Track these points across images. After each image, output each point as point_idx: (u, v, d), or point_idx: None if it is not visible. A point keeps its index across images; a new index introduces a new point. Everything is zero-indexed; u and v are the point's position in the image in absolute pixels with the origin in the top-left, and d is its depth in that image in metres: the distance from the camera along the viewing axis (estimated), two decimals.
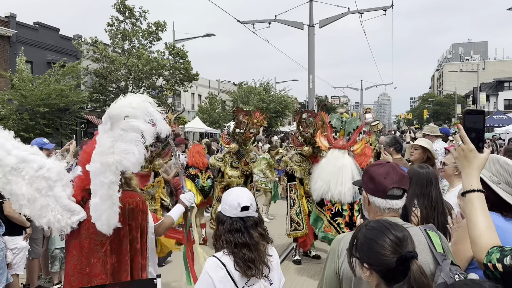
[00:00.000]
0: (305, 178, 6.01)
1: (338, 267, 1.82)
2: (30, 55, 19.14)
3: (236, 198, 2.22)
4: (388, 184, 1.77)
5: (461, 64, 78.57)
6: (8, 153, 2.39)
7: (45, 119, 16.72)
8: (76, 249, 2.61)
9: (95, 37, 21.07)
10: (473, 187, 1.62)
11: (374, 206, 1.82)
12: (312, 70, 15.27)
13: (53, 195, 2.48)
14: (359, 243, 1.49)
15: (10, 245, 4.53)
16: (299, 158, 6.06)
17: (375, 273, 1.44)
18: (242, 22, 15.59)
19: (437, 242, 1.74)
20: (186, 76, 22.69)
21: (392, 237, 1.43)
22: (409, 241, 1.45)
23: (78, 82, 18.71)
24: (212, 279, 2.09)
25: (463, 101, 58.73)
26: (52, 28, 24.09)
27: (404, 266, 1.36)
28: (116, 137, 2.37)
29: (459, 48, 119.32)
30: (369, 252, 1.44)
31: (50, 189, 2.48)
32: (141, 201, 2.73)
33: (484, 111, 1.84)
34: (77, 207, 2.57)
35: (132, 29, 21.37)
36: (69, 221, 2.54)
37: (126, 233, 2.61)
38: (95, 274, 2.54)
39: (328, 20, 15.42)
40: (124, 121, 2.37)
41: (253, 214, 2.23)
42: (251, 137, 6.88)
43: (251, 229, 2.18)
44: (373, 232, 1.47)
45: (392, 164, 1.87)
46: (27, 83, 16.36)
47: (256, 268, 2.11)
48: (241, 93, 34.17)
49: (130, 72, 20.88)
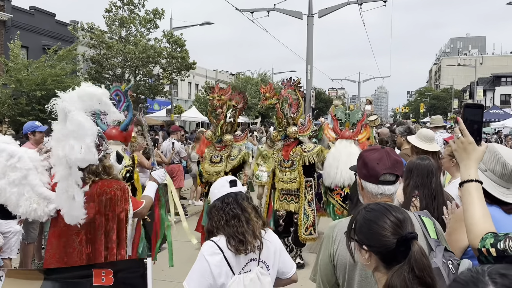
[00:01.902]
0: (277, 169, 5.48)
1: (333, 253, 1.81)
2: (25, 40, 18.91)
3: (222, 180, 2.30)
4: (380, 170, 1.76)
5: (459, 59, 78.59)
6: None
7: (40, 104, 16.59)
8: (55, 237, 2.61)
9: (92, 23, 20.84)
10: (471, 177, 1.65)
11: (367, 191, 1.82)
12: (310, 60, 15.18)
13: (27, 183, 2.48)
14: (358, 225, 1.47)
15: (3, 228, 4.50)
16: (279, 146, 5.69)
17: (374, 256, 1.42)
18: (240, 10, 15.45)
19: (431, 228, 1.74)
20: (183, 64, 22.52)
21: (392, 219, 1.42)
22: (409, 223, 1.44)
23: (74, 67, 18.53)
24: (208, 264, 2.08)
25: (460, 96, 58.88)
26: (48, 13, 23.81)
27: (405, 247, 1.35)
28: (66, 131, 2.37)
29: (458, 43, 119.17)
30: (369, 234, 1.43)
31: (24, 178, 2.46)
32: (120, 189, 2.69)
33: (482, 105, 1.89)
34: (53, 194, 2.54)
35: (130, 15, 21.14)
36: (46, 210, 2.52)
37: (102, 223, 2.59)
38: (71, 263, 2.53)
39: (328, 10, 15.31)
40: (70, 115, 2.36)
41: (242, 189, 2.27)
42: (228, 122, 5.75)
43: (243, 202, 2.20)
44: (373, 214, 1.45)
45: (386, 149, 1.86)
46: (22, 68, 16.21)
47: (247, 241, 2.10)
48: (238, 83, 34.04)
49: (126, 59, 20.70)
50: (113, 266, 2.31)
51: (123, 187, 2.74)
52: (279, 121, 5.47)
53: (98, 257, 2.56)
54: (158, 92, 23.30)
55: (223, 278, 2.08)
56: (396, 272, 1.32)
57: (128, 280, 2.28)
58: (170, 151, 8.67)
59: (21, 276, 2.40)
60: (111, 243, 2.61)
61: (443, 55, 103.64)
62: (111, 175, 2.71)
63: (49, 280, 2.28)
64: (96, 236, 2.58)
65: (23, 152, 2.52)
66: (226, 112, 5.74)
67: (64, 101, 2.38)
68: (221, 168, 5.62)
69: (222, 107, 5.68)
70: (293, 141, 5.42)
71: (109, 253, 2.61)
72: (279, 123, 5.49)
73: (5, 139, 2.53)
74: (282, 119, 5.43)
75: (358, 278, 1.71)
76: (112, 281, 2.24)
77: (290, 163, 5.37)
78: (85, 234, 2.55)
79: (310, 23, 14.92)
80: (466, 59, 76.83)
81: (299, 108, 5.45)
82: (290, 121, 5.40)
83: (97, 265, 2.41)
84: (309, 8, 14.96)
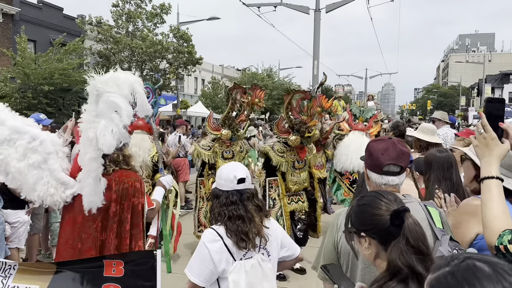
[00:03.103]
0: (289, 173, 5.09)
1: (337, 240, 1.83)
2: (33, 34, 19.02)
3: (232, 171, 2.22)
4: (384, 160, 1.77)
5: (467, 56, 77.86)
6: (2, 123, 2.34)
7: (47, 98, 16.70)
8: (69, 224, 2.60)
9: (100, 17, 20.90)
10: (492, 174, 1.61)
11: (372, 181, 1.84)
12: (317, 56, 15.12)
13: (47, 168, 2.43)
14: (353, 214, 1.51)
15: (12, 218, 4.54)
16: (283, 148, 5.12)
17: (373, 241, 1.44)
18: (247, 5, 15.42)
19: (436, 218, 1.74)
20: (189, 59, 22.56)
21: (385, 200, 1.46)
22: (401, 202, 1.47)
23: (81, 61, 18.62)
24: (208, 250, 2.10)
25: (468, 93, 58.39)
26: (56, 7, 23.87)
27: (399, 221, 1.38)
28: (99, 112, 2.33)
29: (466, 39, 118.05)
30: (363, 217, 1.46)
31: (44, 161, 2.42)
32: (138, 181, 2.68)
33: (504, 99, 1.81)
34: (71, 180, 2.52)
35: (137, 10, 21.18)
36: (63, 195, 2.49)
37: (116, 212, 2.58)
38: (85, 249, 2.54)
39: (335, 5, 15.22)
40: (106, 96, 2.33)
41: (249, 186, 2.24)
42: (246, 121, 5.75)
43: (247, 202, 2.18)
44: (365, 199, 1.50)
45: (394, 140, 1.85)
46: (29, 61, 16.30)
47: (250, 240, 2.11)
48: (244, 79, 34.03)
49: (133, 54, 20.77)
50: (123, 258, 2.33)
51: (141, 180, 2.74)
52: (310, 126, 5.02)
53: (108, 245, 2.57)
54: (165, 87, 23.35)
55: (224, 264, 2.10)
56: (393, 247, 1.36)
57: (138, 272, 2.30)
58: (176, 144, 8.69)
59: (33, 266, 2.43)
60: (125, 233, 2.61)
61: (451, 52, 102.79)
62: (130, 165, 2.70)
63: (61, 271, 2.31)
64: (109, 224, 2.58)
65: (45, 135, 2.47)
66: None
67: (98, 82, 2.35)
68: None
69: (247, 109, 5.58)
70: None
71: (122, 243, 2.61)
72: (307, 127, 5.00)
73: (28, 122, 2.48)
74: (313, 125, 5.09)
75: (362, 265, 1.73)
76: (123, 272, 2.27)
77: (303, 163, 5.21)
78: (101, 221, 2.56)
79: (317, 18, 14.84)
80: (474, 56, 76.12)
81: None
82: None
83: (107, 256, 2.43)
84: (316, 2, 14.88)
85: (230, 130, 5.45)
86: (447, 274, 0.87)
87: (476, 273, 0.83)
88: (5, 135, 2.33)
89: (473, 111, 37.71)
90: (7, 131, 2.34)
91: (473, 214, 1.92)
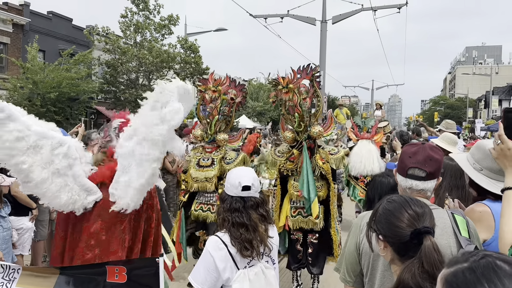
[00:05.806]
0: (291, 178, 4.52)
1: (359, 241, 1.83)
2: (42, 44, 19.27)
3: (238, 177, 2.20)
4: (408, 163, 1.77)
5: (474, 68, 77.73)
6: (28, 128, 2.18)
7: (55, 107, 16.86)
8: (85, 232, 2.47)
9: (107, 27, 21.15)
10: (509, 184, 1.63)
11: (399, 184, 1.85)
12: (323, 66, 15.14)
13: (71, 174, 2.33)
14: (378, 215, 1.49)
15: (15, 225, 4.54)
16: (285, 149, 4.65)
17: (389, 247, 1.43)
18: (254, 16, 15.53)
19: (462, 227, 1.71)
20: (196, 70, 22.70)
21: (410, 212, 1.42)
22: (428, 218, 1.42)
23: (89, 71, 18.83)
24: (213, 258, 2.08)
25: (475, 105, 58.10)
26: (65, 18, 24.26)
27: (418, 240, 1.34)
28: (162, 117, 2.25)
29: (473, 52, 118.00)
30: (386, 224, 1.44)
31: (69, 167, 2.31)
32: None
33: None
34: (94, 186, 2.44)
35: (145, 21, 21.41)
36: (85, 202, 2.40)
37: (144, 210, 2.57)
38: (112, 252, 2.46)
39: (341, 17, 15.29)
40: (170, 103, 2.27)
41: (255, 195, 2.19)
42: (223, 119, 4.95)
43: (250, 210, 2.15)
44: (392, 205, 1.47)
45: (426, 145, 1.85)
46: (38, 70, 16.52)
47: (254, 249, 2.09)
48: (251, 89, 34.13)
49: (141, 64, 20.94)
50: (126, 264, 2.31)
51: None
52: (300, 119, 4.41)
53: (137, 244, 2.54)
54: None
55: (228, 273, 2.08)
56: (407, 267, 1.33)
57: (141, 278, 2.28)
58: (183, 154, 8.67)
59: (36, 271, 2.41)
60: (150, 232, 2.62)
61: (458, 64, 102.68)
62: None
63: (64, 275, 2.29)
64: (139, 223, 2.56)
65: (70, 141, 2.36)
66: (220, 107, 4.84)
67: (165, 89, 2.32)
68: (213, 173, 4.69)
69: (216, 101, 4.80)
70: (312, 142, 4.51)
71: (146, 243, 2.60)
72: (299, 122, 4.42)
73: (52, 127, 2.36)
74: (304, 117, 4.44)
75: (382, 268, 1.72)
76: (126, 278, 2.24)
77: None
78: (129, 222, 2.50)
79: (323, 29, 14.91)
80: (481, 68, 75.99)
81: (318, 103, 4.48)
82: (313, 119, 4.50)
83: (110, 262, 2.39)
84: (322, 14, 14.96)
85: (202, 130, 4.91)
86: (465, 269, 0.86)
87: (496, 271, 0.82)
88: (31, 141, 2.17)
89: (480, 123, 37.44)
90: (34, 136, 2.18)
91: (477, 221, 1.92)
